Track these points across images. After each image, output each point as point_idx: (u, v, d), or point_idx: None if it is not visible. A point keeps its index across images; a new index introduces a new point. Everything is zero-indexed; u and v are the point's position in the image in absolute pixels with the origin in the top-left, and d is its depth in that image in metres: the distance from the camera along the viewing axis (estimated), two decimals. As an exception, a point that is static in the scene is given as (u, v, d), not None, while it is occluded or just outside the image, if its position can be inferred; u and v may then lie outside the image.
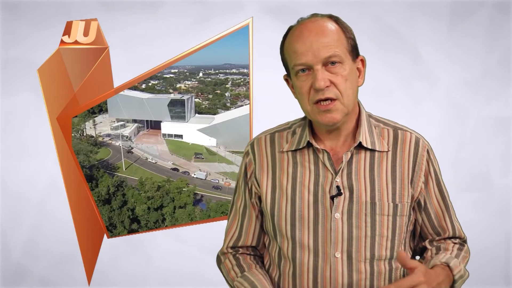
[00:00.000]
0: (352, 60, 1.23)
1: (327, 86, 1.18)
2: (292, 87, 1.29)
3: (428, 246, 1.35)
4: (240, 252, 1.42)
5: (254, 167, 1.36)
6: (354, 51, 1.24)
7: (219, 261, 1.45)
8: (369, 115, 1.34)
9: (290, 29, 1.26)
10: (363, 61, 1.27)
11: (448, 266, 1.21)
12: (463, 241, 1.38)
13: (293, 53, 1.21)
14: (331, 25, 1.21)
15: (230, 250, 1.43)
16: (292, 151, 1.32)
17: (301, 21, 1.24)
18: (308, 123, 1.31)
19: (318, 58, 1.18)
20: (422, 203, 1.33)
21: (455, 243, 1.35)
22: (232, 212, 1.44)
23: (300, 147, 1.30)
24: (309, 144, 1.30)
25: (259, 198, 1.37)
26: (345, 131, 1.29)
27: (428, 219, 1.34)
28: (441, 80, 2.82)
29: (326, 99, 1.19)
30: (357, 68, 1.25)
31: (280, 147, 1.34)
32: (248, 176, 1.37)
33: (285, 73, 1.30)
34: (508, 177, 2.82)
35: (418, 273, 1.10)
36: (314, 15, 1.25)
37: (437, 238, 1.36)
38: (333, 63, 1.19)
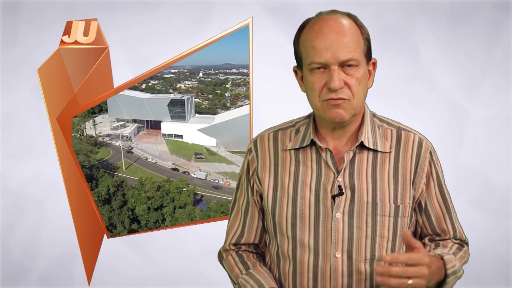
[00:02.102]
0: (366, 62, 1.24)
1: (341, 87, 1.19)
2: (301, 79, 1.28)
3: (427, 242, 1.35)
4: (242, 249, 1.42)
5: (257, 164, 1.35)
6: (368, 53, 1.24)
7: (220, 258, 1.45)
8: (373, 115, 1.34)
9: (307, 21, 1.25)
10: (374, 64, 1.28)
11: (442, 258, 1.21)
12: (464, 243, 1.38)
13: (311, 49, 1.20)
14: (351, 25, 1.21)
15: (232, 247, 1.43)
16: (295, 149, 1.32)
17: (320, 16, 1.23)
18: (312, 121, 1.31)
19: (337, 59, 1.18)
20: (423, 205, 1.33)
21: (454, 243, 1.35)
22: (234, 209, 1.43)
23: (304, 145, 1.30)
24: (312, 143, 1.29)
25: (260, 196, 1.37)
26: (349, 131, 1.29)
27: (428, 220, 1.34)
28: (441, 80, 2.82)
29: (338, 99, 1.20)
30: (368, 70, 1.26)
31: (283, 145, 1.34)
32: (251, 174, 1.37)
33: (295, 64, 1.29)
34: (508, 177, 2.82)
35: (424, 252, 1.11)
36: (334, 12, 1.24)
37: (437, 238, 1.36)
38: (349, 65, 1.19)
